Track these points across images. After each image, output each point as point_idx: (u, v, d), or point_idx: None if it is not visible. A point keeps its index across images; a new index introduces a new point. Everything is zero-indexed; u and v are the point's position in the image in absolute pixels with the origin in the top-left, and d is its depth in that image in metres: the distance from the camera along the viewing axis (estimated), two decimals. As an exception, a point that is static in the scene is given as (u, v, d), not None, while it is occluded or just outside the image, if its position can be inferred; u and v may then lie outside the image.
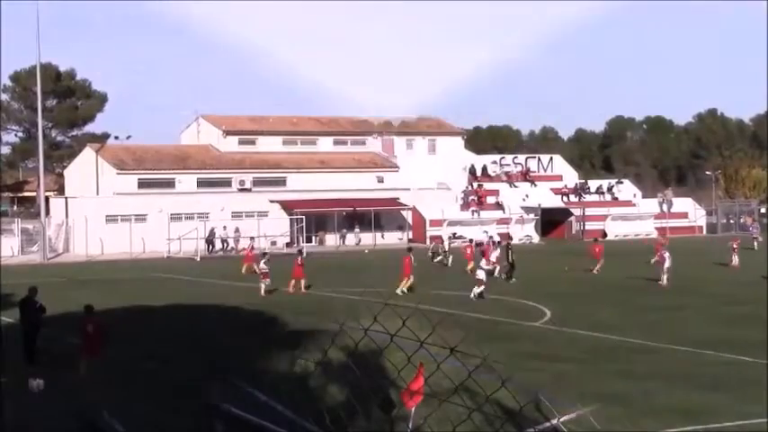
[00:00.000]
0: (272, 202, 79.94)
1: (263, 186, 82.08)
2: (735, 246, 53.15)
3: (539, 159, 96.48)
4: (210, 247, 75.05)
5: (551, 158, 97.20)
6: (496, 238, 63.62)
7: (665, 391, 21.81)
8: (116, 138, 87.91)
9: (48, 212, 76.44)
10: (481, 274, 40.78)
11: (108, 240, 72.98)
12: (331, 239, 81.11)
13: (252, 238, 63.42)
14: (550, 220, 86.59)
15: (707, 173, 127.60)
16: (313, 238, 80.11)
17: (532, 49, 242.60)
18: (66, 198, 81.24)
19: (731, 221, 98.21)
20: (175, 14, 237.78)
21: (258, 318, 36.28)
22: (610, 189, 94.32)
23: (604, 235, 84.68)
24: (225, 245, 76.23)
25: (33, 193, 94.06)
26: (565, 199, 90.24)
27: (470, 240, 59.64)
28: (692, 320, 33.64)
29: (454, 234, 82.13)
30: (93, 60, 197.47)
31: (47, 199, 78.39)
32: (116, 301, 40.30)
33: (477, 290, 40.24)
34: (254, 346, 29.71)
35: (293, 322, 34.42)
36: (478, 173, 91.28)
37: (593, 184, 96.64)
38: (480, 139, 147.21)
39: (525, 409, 16.87)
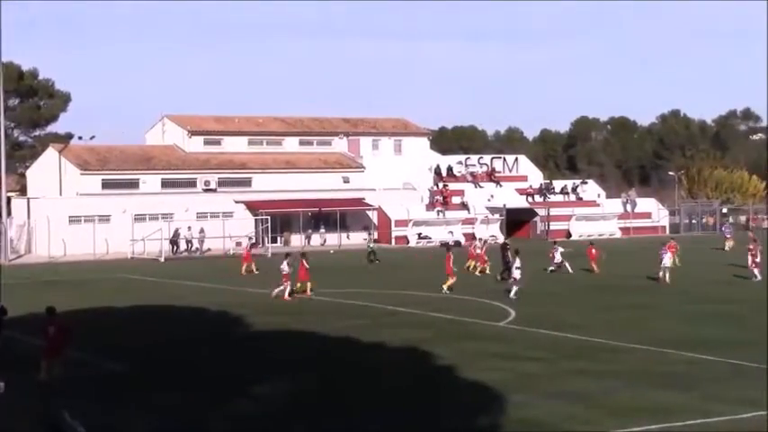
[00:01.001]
0: (237, 202, 79.69)
1: (228, 187, 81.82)
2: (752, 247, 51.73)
3: (504, 160, 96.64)
4: (175, 247, 74.69)
5: (516, 159, 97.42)
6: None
7: (629, 389, 21.91)
8: (79, 138, 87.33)
9: (9, 213, 75.80)
10: (517, 273, 40.74)
11: (71, 241, 72.45)
12: (296, 240, 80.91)
13: (250, 239, 62.65)
14: (515, 220, 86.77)
15: (670, 173, 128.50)
16: (278, 238, 79.92)
17: (499, 49, 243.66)
18: (28, 199, 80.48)
19: (693, 221, 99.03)
20: (140, 13, 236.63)
21: (224, 318, 36.18)
22: (574, 189, 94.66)
23: (569, 235, 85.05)
24: (189, 245, 75.90)
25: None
26: (530, 199, 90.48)
27: (479, 239, 60.09)
28: (656, 319, 33.82)
29: (419, 234, 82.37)
30: (56, 59, 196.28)
31: (8, 199, 77.72)
32: (80, 302, 40.03)
33: (514, 288, 40.29)
34: (220, 348, 29.66)
35: (258, 323, 34.33)
36: (444, 173, 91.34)
37: (557, 184, 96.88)
38: (445, 140, 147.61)
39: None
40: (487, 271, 51.32)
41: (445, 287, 42.67)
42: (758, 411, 19.51)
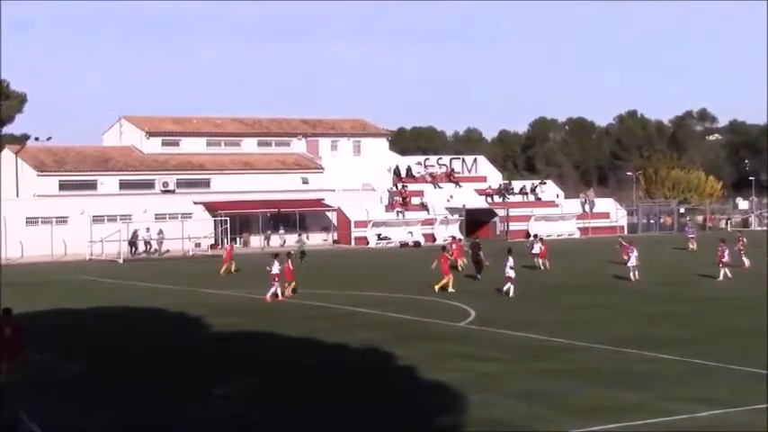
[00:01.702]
0: (195, 203, 79.35)
1: (186, 188, 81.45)
2: (741, 247, 52.04)
3: (463, 160, 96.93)
4: (133, 249, 74.25)
5: (475, 159, 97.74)
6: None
7: (588, 389, 21.97)
8: (36, 139, 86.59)
9: (-35, 215, 74.98)
10: (511, 272, 40.76)
11: (28, 243, 71.84)
12: (256, 241, 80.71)
13: (233, 239, 62.44)
14: (475, 221, 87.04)
15: (628, 173, 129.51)
16: (238, 239, 79.63)
17: (457, 50, 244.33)
18: (-16, 200, 79.78)
19: (651, 221, 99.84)
20: (96, 12, 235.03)
21: (182, 319, 35.98)
22: (533, 189, 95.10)
23: (528, 235, 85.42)
24: (148, 247, 75.45)
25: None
26: (489, 199, 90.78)
27: (453, 237, 60.65)
28: (615, 319, 33.92)
29: (379, 235, 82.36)
30: (11, 60, 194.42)
31: (-36, 201, 76.90)
32: (38, 304, 39.63)
33: (511, 287, 40.46)
34: (180, 350, 29.51)
35: (217, 324, 34.13)
36: (403, 174, 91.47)
37: (516, 184, 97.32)
38: (404, 140, 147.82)
39: None
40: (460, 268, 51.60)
41: (445, 287, 42.38)
42: (717, 410, 19.64)
